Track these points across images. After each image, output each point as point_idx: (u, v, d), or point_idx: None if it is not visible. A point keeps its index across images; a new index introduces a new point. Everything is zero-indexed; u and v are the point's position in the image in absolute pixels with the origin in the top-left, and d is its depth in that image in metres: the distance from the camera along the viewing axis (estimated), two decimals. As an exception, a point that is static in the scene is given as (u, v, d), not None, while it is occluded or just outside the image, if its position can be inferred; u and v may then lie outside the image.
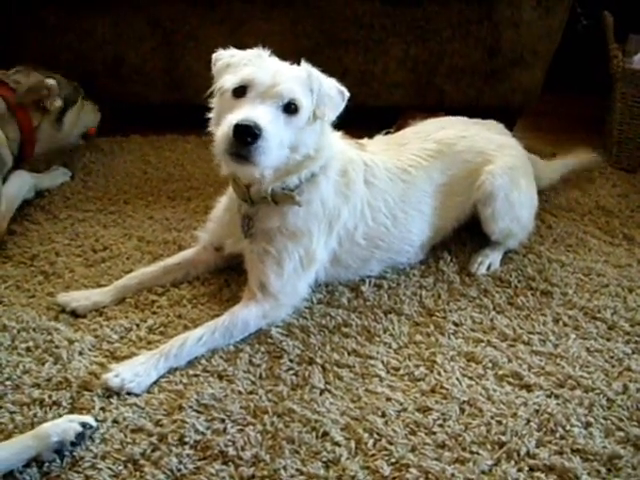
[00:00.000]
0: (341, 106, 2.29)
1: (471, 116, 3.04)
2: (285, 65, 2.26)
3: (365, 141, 2.76)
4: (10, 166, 3.03)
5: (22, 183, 3.04)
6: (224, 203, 2.62)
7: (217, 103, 2.28)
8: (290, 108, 2.14)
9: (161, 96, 3.97)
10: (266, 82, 2.12)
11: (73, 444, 1.86)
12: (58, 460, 1.84)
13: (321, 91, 2.21)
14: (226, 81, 2.18)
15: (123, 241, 2.88)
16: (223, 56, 2.29)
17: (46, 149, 3.29)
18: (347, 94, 2.30)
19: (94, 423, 1.94)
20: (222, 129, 2.08)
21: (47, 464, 1.83)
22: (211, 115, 2.32)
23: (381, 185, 2.59)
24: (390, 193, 2.60)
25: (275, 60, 2.27)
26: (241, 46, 2.31)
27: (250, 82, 2.13)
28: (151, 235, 2.93)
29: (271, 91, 2.11)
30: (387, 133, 3.05)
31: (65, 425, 1.88)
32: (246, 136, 2.01)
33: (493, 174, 2.73)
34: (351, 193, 2.49)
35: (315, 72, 2.25)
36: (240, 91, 2.14)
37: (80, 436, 1.88)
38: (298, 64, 2.28)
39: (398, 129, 3.22)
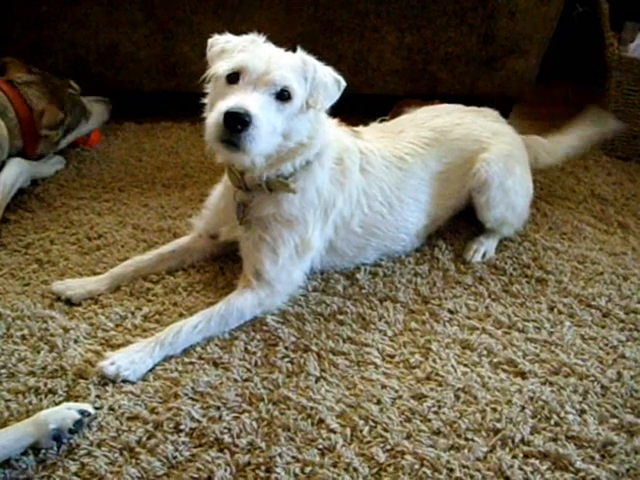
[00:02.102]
0: (336, 95, 2.28)
1: (466, 104, 3.03)
2: (280, 52, 2.24)
3: (360, 129, 2.75)
4: (6, 157, 3.03)
5: (19, 172, 3.03)
6: (219, 190, 2.61)
7: (211, 89, 2.27)
8: (283, 95, 2.12)
9: (155, 83, 3.95)
10: (259, 69, 2.10)
11: (71, 431, 1.87)
12: (55, 447, 1.85)
13: (316, 79, 2.20)
14: (220, 67, 2.17)
15: (118, 229, 2.87)
16: (218, 41, 2.27)
17: (38, 154, 3.29)
18: (343, 83, 2.28)
19: (92, 411, 1.94)
20: (213, 116, 2.07)
21: (43, 451, 1.84)
22: (206, 101, 2.31)
23: (377, 173, 2.58)
24: (386, 181, 2.60)
25: (270, 46, 2.25)
26: (236, 33, 2.30)
27: (243, 69, 2.11)
28: (146, 223, 2.92)
29: (264, 78, 2.10)
30: (382, 121, 3.04)
31: (63, 413, 1.89)
32: (236, 123, 2.00)
33: (488, 162, 2.72)
34: (347, 181, 2.49)
35: (310, 60, 2.23)
36: (233, 77, 2.13)
37: (78, 424, 1.88)
38: (294, 51, 2.26)
39: (393, 117, 3.22)
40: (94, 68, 3.83)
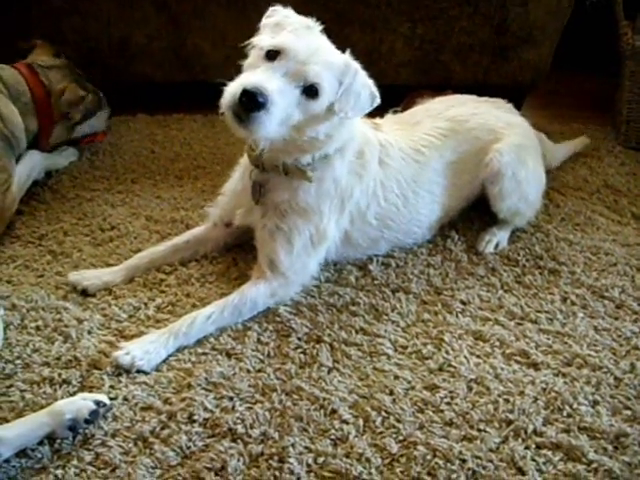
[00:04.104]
0: (367, 109, 2.24)
1: (479, 94, 3.02)
2: (328, 47, 2.20)
3: (380, 120, 2.74)
4: (24, 149, 3.05)
5: (34, 164, 3.05)
6: (238, 172, 2.60)
7: (250, 56, 2.20)
8: (310, 91, 2.08)
9: (167, 75, 3.96)
10: (299, 57, 2.06)
11: (87, 422, 1.88)
12: (70, 438, 1.86)
13: (351, 87, 2.15)
14: (265, 40, 2.13)
15: (131, 220, 2.88)
16: (278, 13, 2.25)
17: (53, 143, 3.29)
18: (378, 100, 2.24)
19: (108, 401, 1.95)
20: (233, 85, 2.03)
21: (58, 441, 1.85)
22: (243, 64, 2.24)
23: (395, 165, 2.58)
24: (403, 173, 2.60)
25: (321, 38, 2.21)
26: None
27: (284, 50, 2.06)
28: (159, 214, 2.93)
29: (299, 68, 2.05)
30: (395, 112, 3.04)
31: (79, 403, 1.90)
32: (250, 103, 1.97)
33: (501, 152, 2.72)
34: (365, 173, 2.48)
35: (354, 66, 2.18)
36: (272, 54, 2.08)
37: (94, 414, 1.89)
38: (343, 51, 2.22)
39: (405, 108, 3.21)
40: (107, 60, 3.84)
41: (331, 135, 2.27)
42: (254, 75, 2.03)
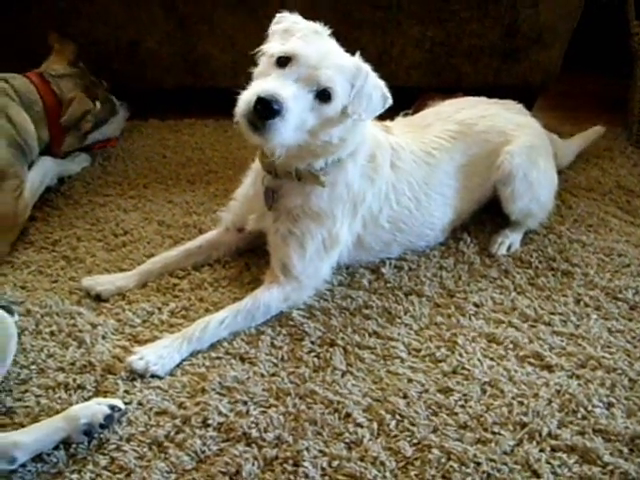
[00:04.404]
0: (379, 110, 2.24)
1: (490, 96, 3.02)
2: (337, 50, 2.20)
3: (388, 123, 2.74)
4: (36, 156, 3.07)
5: (46, 170, 3.07)
6: (249, 178, 2.60)
7: (260, 63, 2.21)
8: (323, 95, 2.08)
9: (176, 80, 3.97)
10: (310, 62, 2.06)
11: (102, 426, 1.89)
12: (85, 442, 1.87)
13: (363, 90, 2.15)
14: (275, 47, 2.14)
15: (143, 225, 2.89)
16: (285, 19, 2.26)
17: (65, 150, 3.31)
18: (390, 101, 2.24)
19: (122, 406, 1.96)
20: (247, 94, 2.03)
21: (74, 446, 1.86)
22: (253, 71, 2.25)
23: (406, 168, 2.58)
24: (414, 176, 2.60)
25: (330, 41, 2.22)
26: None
27: (295, 57, 2.07)
28: (171, 219, 2.94)
29: (311, 73, 2.06)
30: (405, 115, 3.04)
31: (94, 408, 1.91)
32: (265, 110, 1.97)
33: (512, 154, 2.71)
34: (377, 176, 2.48)
35: (365, 68, 2.18)
36: (283, 61, 2.09)
37: (109, 418, 1.90)
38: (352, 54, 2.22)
39: (416, 111, 3.21)
40: (115, 65, 3.85)
41: (345, 139, 2.27)
42: (267, 83, 2.04)
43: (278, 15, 2.29)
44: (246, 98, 2.03)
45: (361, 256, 2.63)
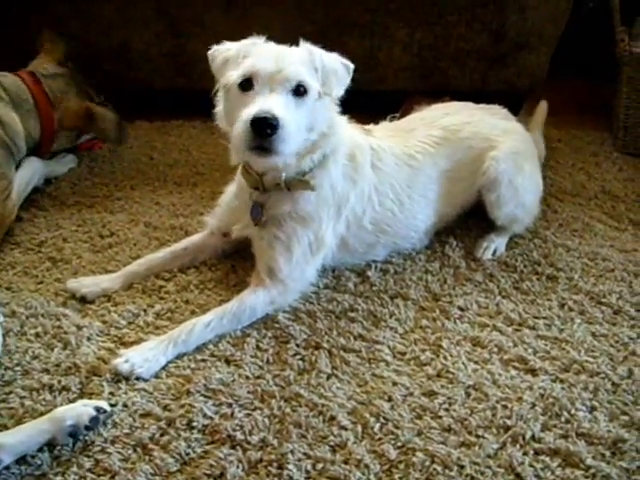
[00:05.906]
0: (347, 79, 2.28)
1: (477, 100, 3.03)
2: (285, 48, 2.24)
3: (371, 127, 2.76)
4: (23, 156, 3.05)
5: (33, 171, 3.07)
6: (233, 190, 2.62)
7: (224, 99, 2.27)
8: (299, 91, 2.13)
9: (166, 81, 3.98)
10: (270, 69, 2.10)
11: (87, 428, 1.89)
12: (70, 444, 1.86)
13: (325, 68, 2.20)
14: (230, 77, 2.16)
15: (130, 227, 2.89)
16: (219, 51, 2.27)
17: (54, 150, 3.30)
18: (352, 66, 2.28)
19: (108, 408, 1.96)
20: (239, 126, 2.07)
21: (58, 448, 1.85)
22: (217, 110, 2.32)
23: (388, 170, 2.59)
24: (397, 178, 2.61)
25: (273, 45, 2.25)
26: (247, 31, 2.30)
27: (254, 73, 2.11)
28: (158, 221, 2.94)
29: (277, 77, 2.10)
30: (392, 118, 3.05)
31: (80, 409, 1.90)
32: (265, 128, 2.01)
33: (497, 159, 2.73)
34: (359, 177, 2.50)
35: (316, 50, 2.23)
36: (247, 84, 2.12)
37: (94, 420, 1.90)
38: (297, 45, 2.26)
39: (403, 114, 3.22)
40: (106, 65, 3.86)
41: (331, 125, 2.33)
42: (249, 108, 2.07)
43: (209, 53, 2.30)
44: (241, 129, 2.07)
45: (346, 258, 2.63)
